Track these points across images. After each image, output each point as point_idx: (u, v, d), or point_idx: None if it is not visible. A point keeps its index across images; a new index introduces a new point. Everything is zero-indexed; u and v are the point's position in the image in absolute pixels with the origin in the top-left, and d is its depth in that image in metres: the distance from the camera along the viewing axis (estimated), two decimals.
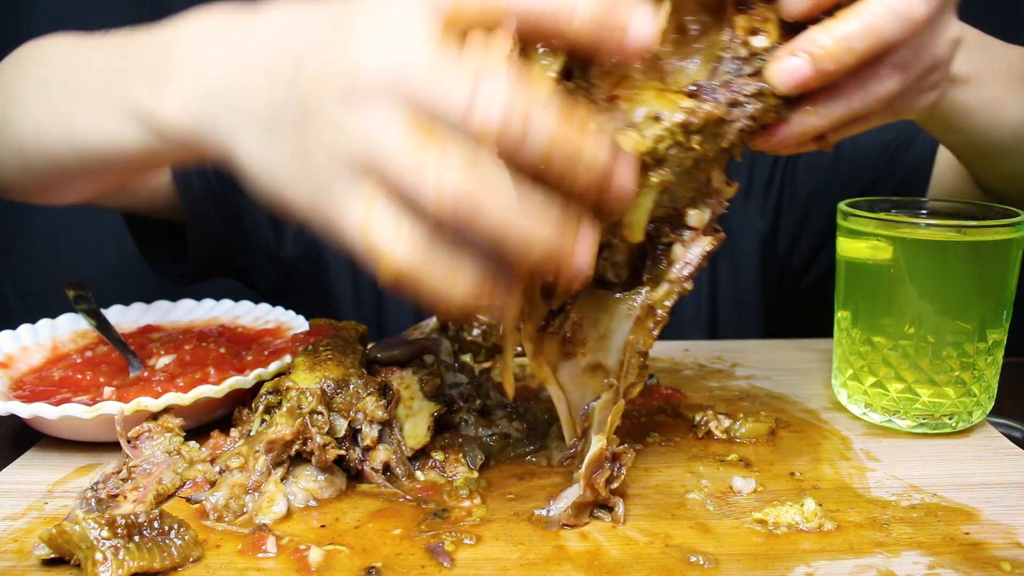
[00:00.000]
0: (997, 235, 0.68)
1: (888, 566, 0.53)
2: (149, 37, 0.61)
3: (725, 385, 0.85)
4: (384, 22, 0.43)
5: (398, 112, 0.42)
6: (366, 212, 0.43)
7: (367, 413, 0.63)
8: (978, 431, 0.73)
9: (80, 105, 0.64)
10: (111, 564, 0.50)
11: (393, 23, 0.43)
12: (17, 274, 1.47)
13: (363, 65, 0.43)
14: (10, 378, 0.75)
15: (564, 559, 0.54)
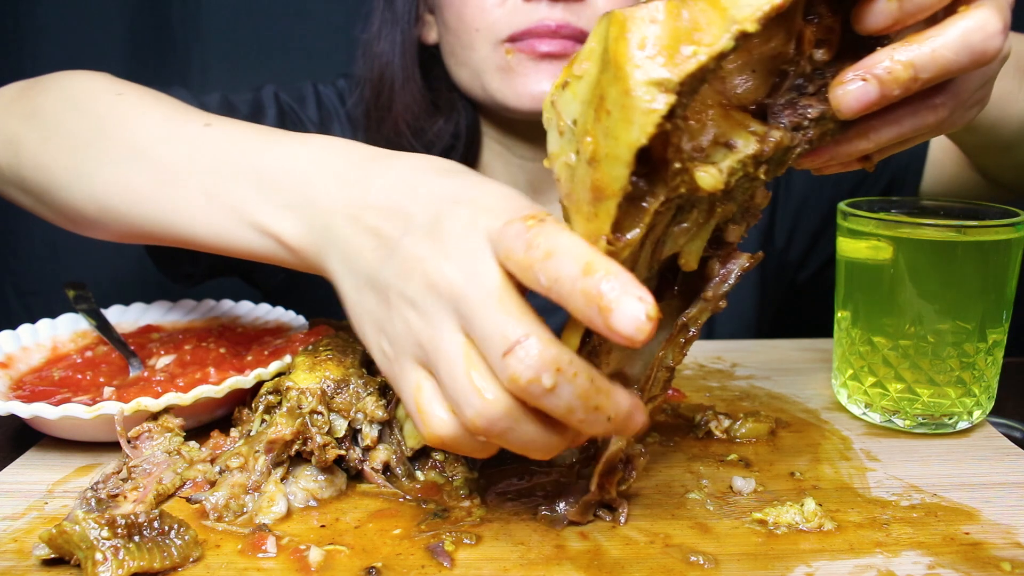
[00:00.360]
0: (997, 235, 0.68)
1: (888, 566, 0.53)
2: (266, 143, 0.62)
3: (725, 385, 0.85)
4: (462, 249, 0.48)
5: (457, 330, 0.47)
6: (416, 388, 0.50)
7: (367, 413, 0.63)
8: (978, 431, 0.73)
9: (189, 195, 0.63)
10: (111, 564, 0.50)
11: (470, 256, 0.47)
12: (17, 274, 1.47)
13: (442, 275, 0.48)
14: (10, 378, 0.75)
15: (564, 559, 0.54)
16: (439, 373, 0.48)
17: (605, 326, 0.43)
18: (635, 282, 0.43)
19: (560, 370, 0.44)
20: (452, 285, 0.47)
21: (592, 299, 0.43)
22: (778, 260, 1.17)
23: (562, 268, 0.44)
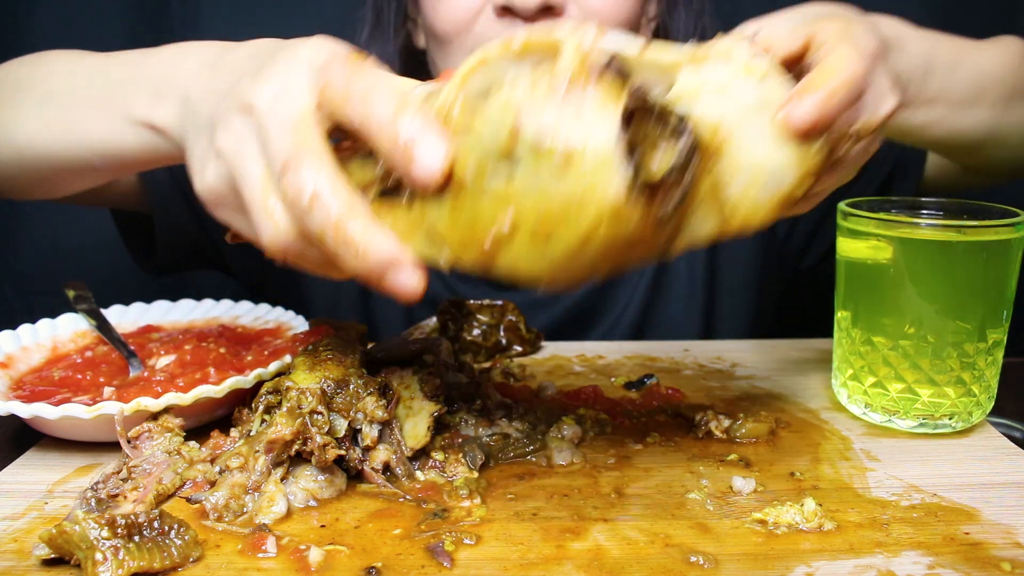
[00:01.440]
0: (997, 235, 0.68)
1: (888, 566, 0.53)
2: (147, 57, 0.70)
3: (725, 385, 0.85)
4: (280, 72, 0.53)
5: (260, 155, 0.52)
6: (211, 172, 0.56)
7: (367, 413, 0.63)
8: (978, 431, 0.73)
9: (86, 113, 0.71)
10: (111, 564, 0.50)
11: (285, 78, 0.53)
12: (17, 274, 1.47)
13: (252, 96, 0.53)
14: (10, 378, 0.75)
15: (564, 559, 0.54)
16: (243, 200, 0.52)
17: (406, 170, 0.48)
18: (440, 135, 0.48)
19: (317, 191, 0.48)
20: (259, 106, 0.52)
21: (397, 144, 0.48)
22: (779, 251, 1.17)
23: (376, 105, 0.49)
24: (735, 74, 0.51)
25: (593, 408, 0.77)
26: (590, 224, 0.46)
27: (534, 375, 0.88)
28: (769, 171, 0.50)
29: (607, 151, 0.44)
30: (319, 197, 0.48)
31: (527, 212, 0.47)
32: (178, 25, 1.42)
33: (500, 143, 0.46)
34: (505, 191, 0.47)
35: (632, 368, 0.91)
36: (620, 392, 0.83)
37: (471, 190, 0.48)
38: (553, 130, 0.45)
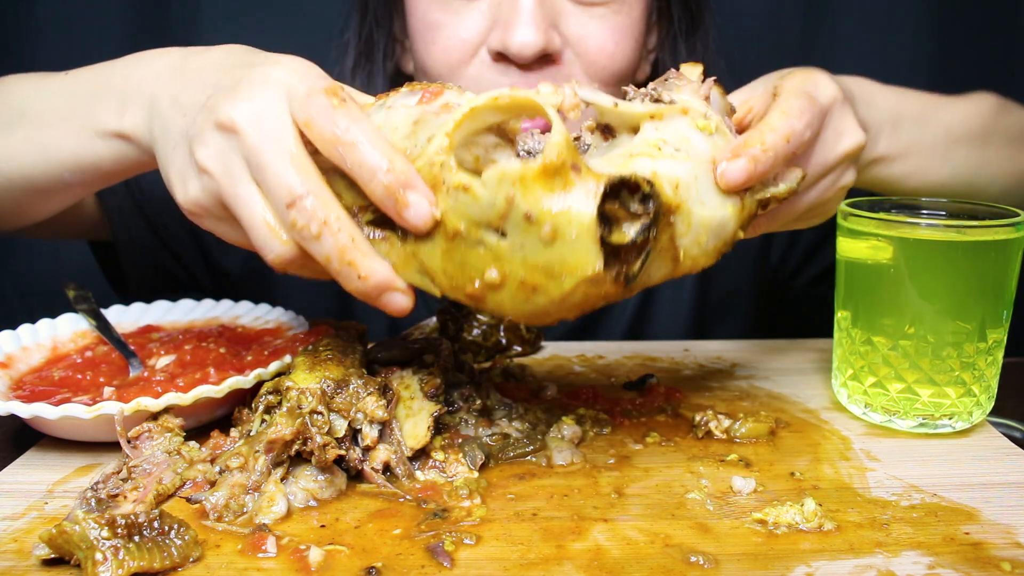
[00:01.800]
0: (997, 235, 0.68)
1: (888, 566, 0.53)
2: (112, 67, 0.71)
3: (725, 385, 0.85)
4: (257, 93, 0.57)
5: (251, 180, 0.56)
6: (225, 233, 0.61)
7: (367, 413, 0.63)
8: (978, 431, 0.73)
9: (54, 130, 0.73)
10: (111, 564, 0.50)
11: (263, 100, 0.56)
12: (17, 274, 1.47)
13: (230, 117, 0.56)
14: (10, 378, 0.75)
15: (564, 559, 0.54)
16: (240, 218, 0.57)
17: (398, 215, 0.54)
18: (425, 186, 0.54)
19: (327, 223, 0.55)
20: (242, 130, 0.55)
21: (392, 192, 0.53)
22: (773, 275, 1.17)
23: (367, 158, 0.54)
24: (691, 128, 0.58)
25: (593, 408, 0.77)
26: (572, 286, 0.53)
27: (534, 375, 0.88)
28: (715, 225, 0.58)
29: (590, 226, 0.52)
30: (327, 229, 0.55)
31: (516, 268, 0.54)
32: (178, 26, 1.42)
33: (496, 209, 0.52)
34: (496, 248, 0.54)
35: (632, 368, 0.91)
36: (620, 392, 0.83)
37: (464, 241, 0.55)
38: (543, 204, 0.52)
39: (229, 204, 0.57)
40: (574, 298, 0.54)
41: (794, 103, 0.63)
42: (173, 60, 0.66)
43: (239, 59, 0.61)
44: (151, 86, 0.65)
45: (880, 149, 0.78)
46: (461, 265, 0.55)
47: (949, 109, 0.86)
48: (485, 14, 0.89)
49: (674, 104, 0.58)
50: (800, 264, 1.16)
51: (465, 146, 0.56)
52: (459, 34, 0.90)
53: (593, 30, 0.90)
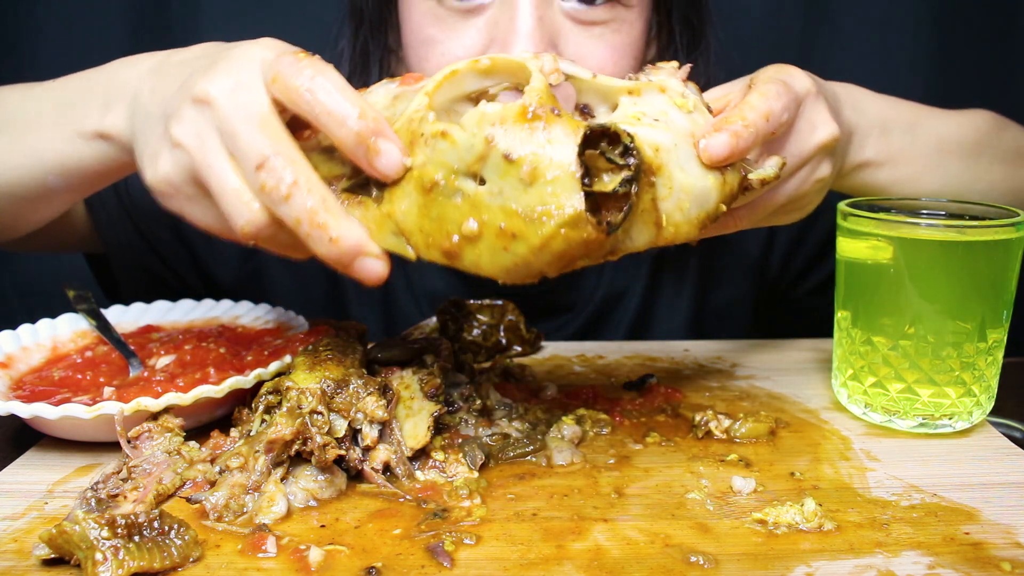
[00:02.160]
0: (997, 235, 0.68)
1: (888, 566, 0.53)
2: (97, 72, 0.71)
3: (725, 385, 0.85)
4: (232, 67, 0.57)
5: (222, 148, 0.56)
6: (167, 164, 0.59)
7: (367, 413, 0.63)
8: (978, 431, 0.73)
9: (39, 135, 0.73)
10: (111, 564, 0.50)
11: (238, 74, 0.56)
12: (17, 274, 1.47)
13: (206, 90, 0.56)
14: (10, 378, 0.75)
15: (564, 559, 0.54)
16: (211, 188, 0.56)
17: (369, 164, 0.54)
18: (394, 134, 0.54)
19: (296, 183, 0.53)
20: (216, 102, 0.55)
21: (362, 139, 0.53)
22: (773, 285, 1.17)
23: (337, 106, 0.53)
24: (669, 105, 0.58)
25: (593, 408, 0.77)
26: (552, 229, 0.52)
27: (534, 375, 0.88)
28: (697, 192, 0.57)
29: (570, 167, 0.51)
30: (297, 190, 0.53)
31: (494, 216, 0.53)
32: (177, 26, 1.42)
33: (475, 151, 0.52)
34: (475, 196, 0.53)
35: (632, 368, 0.91)
36: (620, 392, 0.83)
37: (441, 193, 0.53)
38: (523, 144, 0.51)
39: (200, 175, 0.56)
40: (554, 245, 0.53)
41: (771, 87, 0.64)
42: (156, 61, 0.66)
43: (218, 48, 0.62)
44: (134, 85, 0.65)
45: (868, 154, 0.79)
46: (438, 220, 0.54)
47: (942, 120, 0.87)
48: (482, 31, 0.87)
49: (651, 82, 0.59)
50: (800, 274, 1.16)
51: (445, 112, 0.55)
52: (455, 51, 0.88)
53: (592, 50, 0.88)
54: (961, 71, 1.46)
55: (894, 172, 0.82)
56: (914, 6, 1.45)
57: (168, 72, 0.63)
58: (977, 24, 1.45)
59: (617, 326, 1.13)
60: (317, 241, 0.54)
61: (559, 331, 1.11)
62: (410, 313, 1.11)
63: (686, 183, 0.57)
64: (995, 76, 1.46)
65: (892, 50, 1.45)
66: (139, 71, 0.66)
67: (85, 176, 0.73)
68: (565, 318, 1.12)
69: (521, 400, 0.77)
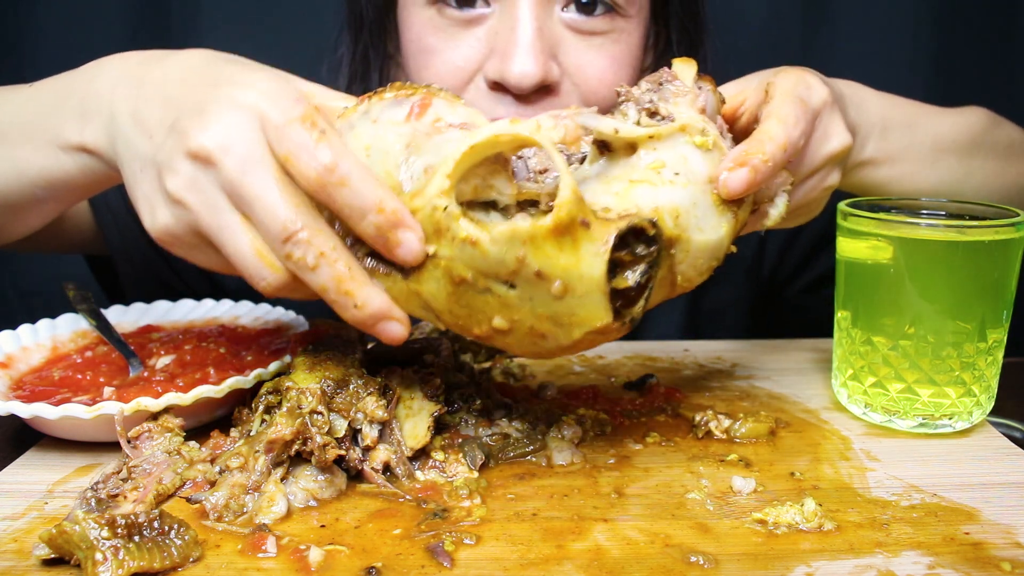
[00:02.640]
0: (997, 235, 0.68)
1: (888, 566, 0.53)
2: (73, 77, 0.69)
3: (725, 385, 0.85)
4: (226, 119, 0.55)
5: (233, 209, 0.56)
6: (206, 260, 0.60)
7: (367, 413, 0.63)
8: (978, 431, 0.73)
9: (20, 147, 0.71)
10: (111, 564, 0.50)
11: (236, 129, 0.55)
12: (17, 274, 1.47)
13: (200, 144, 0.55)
14: (10, 378, 0.75)
15: (564, 559, 0.54)
16: (224, 250, 0.56)
17: (389, 253, 0.55)
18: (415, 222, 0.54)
19: (324, 255, 0.54)
20: (219, 162, 0.54)
21: (383, 232, 0.54)
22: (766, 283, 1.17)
23: (356, 200, 0.54)
24: (689, 147, 0.58)
25: (593, 408, 0.77)
26: (581, 334, 0.55)
27: (534, 375, 0.88)
28: (712, 246, 0.59)
29: (600, 282, 0.52)
30: (324, 260, 0.55)
31: (525, 317, 0.55)
32: (177, 26, 1.41)
33: (507, 267, 0.53)
34: (505, 297, 0.54)
35: (632, 368, 0.91)
36: (620, 392, 0.83)
37: (471, 288, 0.55)
38: (553, 263, 0.52)
39: (211, 236, 0.56)
40: (582, 344, 0.56)
41: (790, 110, 0.64)
42: (129, 67, 0.64)
43: (203, 74, 0.60)
44: (108, 96, 0.63)
45: (868, 152, 0.80)
46: (468, 308, 0.56)
47: (939, 119, 0.88)
48: (482, 41, 0.86)
49: (672, 123, 0.59)
50: (793, 272, 1.17)
51: (468, 187, 0.55)
52: (454, 60, 0.87)
53: (591, 59, 0.88)
54: (961, 71, 1.46)
55: (892, 170, 0.82)
56: (914, 6, 1.45)
57: (145, 91, 0.61)
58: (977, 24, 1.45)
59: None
60: (343, 307, 0.56)
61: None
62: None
63: (702, 242, 0.58)
64: (995, 76, 1.46)
65: (892, 50, 1.45)
66: (112, 79, 0.64)
67: (70, 187, 0.71)
68: None
69: (521, 400, 0.77)
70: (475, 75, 0.88)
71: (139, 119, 0.60)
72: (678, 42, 1.00)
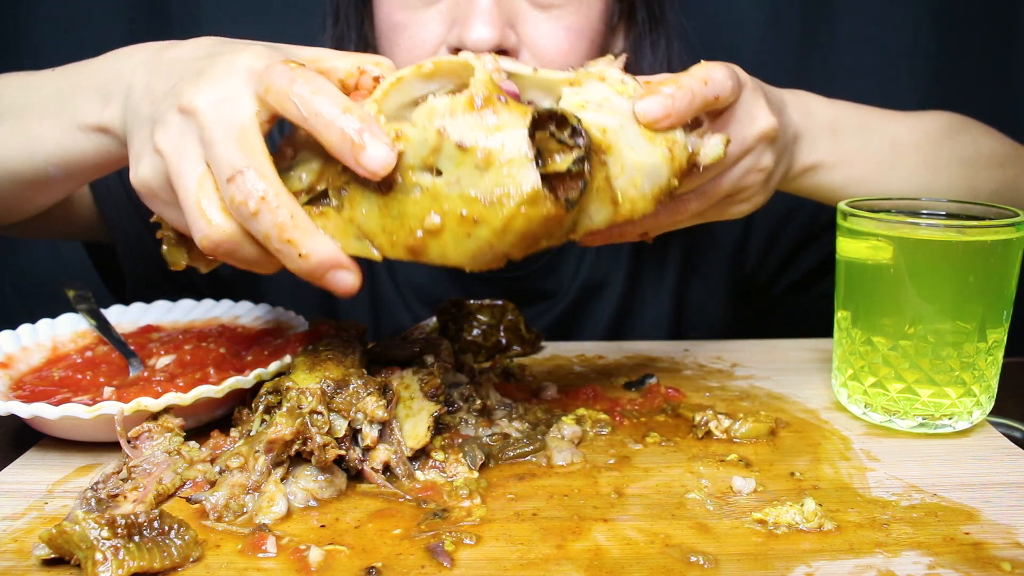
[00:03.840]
0: (997, 235, 0.68)
1: (888, 566, 0.53)
2: (96, 62, 0.71)
3: (725, 385, 0.85)
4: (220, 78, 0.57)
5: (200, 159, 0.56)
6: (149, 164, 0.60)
7: (367, 413, 0.63)
8: (978, 431, 0.73)
9: (39, 125, 0.73)
10: (111, 564, 0.50)
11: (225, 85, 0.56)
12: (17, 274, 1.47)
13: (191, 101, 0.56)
14: (10, 378, 0.75)
15: (564, 559, 0.54)
16: (177, 193, 0.56)
17: (355, 160, 0.53)
18: (383, 129, 0.53)
19: (264, 199, 0.54)
20: (201, 110, 0.55)
21: (347, 136, 0.53)
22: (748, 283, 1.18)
23: (323, 104, 0.53)
24: (610, 92, 0.60)
25: (593, 408, 0.77)
26: (512, 209, 0.53)
27: (534, 375, 0.88)
28: (648, 168, 0.60)
29: (522, 147, 0.53)
30: (267, 204, 0.54)
31: (454, 204, 0.54)
32: (177, 26, 1.42)
33: (429, 145, 0.53)
34: (433, 188, 0.54)
35: (632, 368, 0.91)
36: (620, 392, 0.83)
37: (400, 190, 0.55)
38: (474, 132, 0.53)
39: (172, 182, 0.57)
40: (516, 225, 0.54)
41: (711, 64, 0.66)
42: (149, 54, 0.66)
43: (210, 49, 0.62)
44: (128, 77, 0.65)
45: (818, 155, 0.81)
46: (400, 217, 0.55)
47: (897, 122, 0.88)
48: (444, 14, 0.91)
49: (591, 72, 0.61)
50: (777, 270, 1.17)
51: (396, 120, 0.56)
52: (421, 34, 0.92)
53: (548, 30, 0.92)
54: (961, 71, 1.46)
55: (847, 173, 0.83)
56: (914, 6, 1.45)
57: (160, 70, 0.63)
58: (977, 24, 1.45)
59: (600, 315, 1.14)
60: (287, 257, 0.55)
61: (540, 317, 1.12)
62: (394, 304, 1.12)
63: (636, 160, 0.59)
64: (995, 76, 1.46)
65: (892, 50, 1.46)
66: (133, 63, 0.66)
67: (85, 166, 0.73)
68: (545, 305, 1.13)
69: (521, 400, 0.77)
70: (440, 48, 0.92)
71: (149, 90, 0.62)
72: (643, 21, 1.02)
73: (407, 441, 0.65)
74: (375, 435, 0.63)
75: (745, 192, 0.74)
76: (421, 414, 0.66)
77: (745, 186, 0.73)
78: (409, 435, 0.65)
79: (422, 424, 0.65)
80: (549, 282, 1.13)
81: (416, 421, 0.66)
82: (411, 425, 0.65)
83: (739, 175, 0.72)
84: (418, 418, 0.66)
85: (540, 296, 1.13)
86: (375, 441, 0.63)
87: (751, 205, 0.76)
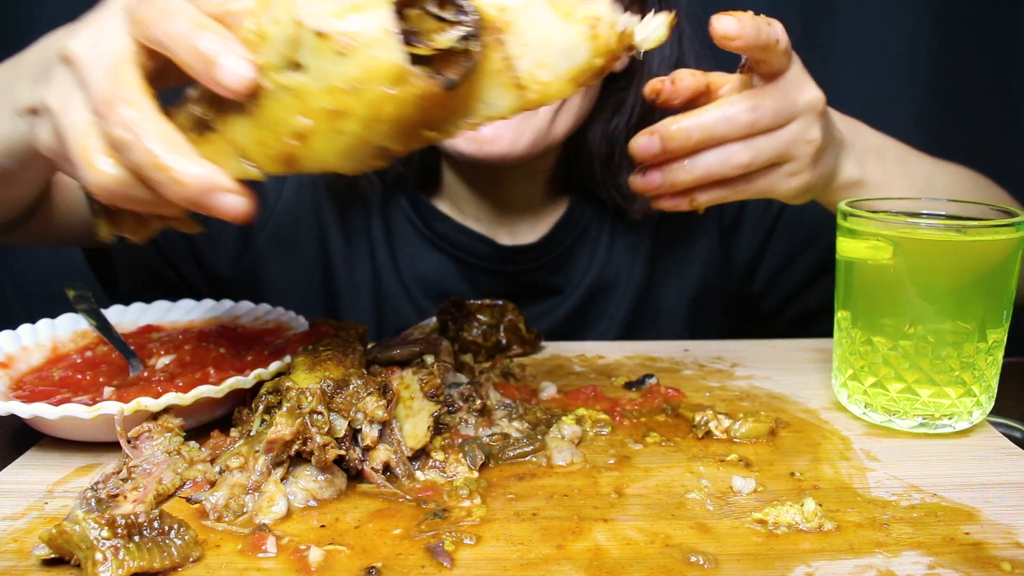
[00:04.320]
0: (997, 235, 0.68)
1: (888, 566, 0.53)
2: (30, 49, 0.69)
3: (725, 385, 0.85)
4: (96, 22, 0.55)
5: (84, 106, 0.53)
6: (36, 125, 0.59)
7: (367, 413, 0.63)
8: (978, 431, 0.73)
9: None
10: (111, 564, 0.50)
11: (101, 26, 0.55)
12: (17, 274, 1.47)
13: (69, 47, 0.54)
14: (10, 378, 0.75)
15: (564, 559, 0.54)
16: (63, 143, 0.54)
17: (209, 77, 0.50)
18: (241, 46, 0.50)
19: (134, 127, 0.51)
20: (78, 56, 0.53)
21: (201, 54, 0.50)
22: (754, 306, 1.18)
23: (178, 26, 0.51)
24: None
25: (593, 408, 0.77)
26: (377, 93, 0.49)
27: (534, 375, 0.88)
28: (561, 45, 0.54)
29: (384, 24, 0.48)
30: (137, 130, 0.51)
31: (321, 99, 0.50)
32: None
33: (288, 38, 0.50)
34: (299, 87, 0.50)
35: (632, 368, 0.91)
36: (620, 392, 0.83)
37: (268, 96, 0.51)
38: (332, 17, 0.49)
39: (61, 135, 0.55)
40: (386, 110, 0.50)
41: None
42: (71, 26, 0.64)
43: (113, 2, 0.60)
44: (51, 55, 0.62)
45: (864, 172, 0.83)
46: (271, 126, 0.52)
47: (933, 163, 0.92)
48: None
49: None
50: (780, 305, 1.17)
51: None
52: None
53: None
54: (961, 71, 1.46)
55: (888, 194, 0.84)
56: (914, 6, 1.45)
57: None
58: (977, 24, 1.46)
59: (615, 313, 1.12)
60: (167, 187, 0.51)
61: (548, 315, 1.10)
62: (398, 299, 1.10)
63: (544, 37, 0.53)
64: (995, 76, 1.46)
65: (892, 50, 1.46)
66: (58, 36, 0.64)
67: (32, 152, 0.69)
68: (554, 301, 1.10)
69: (521, 400, 0.77)
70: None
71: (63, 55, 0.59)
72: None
73: (407, 441, 0.65)
74: (375, 435, 0.63)
75: (794, 164, 0.74)
76: (421, 414, 0.66)
77: (794, 155, 0.74)
78: (409, 435, 0.65)
79: (422, 424, 0.65)
80: (558, 277, 1.10)
81: (416, 421, 0.66)
82: (411, 425, 0.65)
83: (788, 139, 0.73)
84: (418, 418, 0.66)
85: (548, 292, 1.10)
86: (375, 441, 0.63)
87: (799, 181, 0.75)
